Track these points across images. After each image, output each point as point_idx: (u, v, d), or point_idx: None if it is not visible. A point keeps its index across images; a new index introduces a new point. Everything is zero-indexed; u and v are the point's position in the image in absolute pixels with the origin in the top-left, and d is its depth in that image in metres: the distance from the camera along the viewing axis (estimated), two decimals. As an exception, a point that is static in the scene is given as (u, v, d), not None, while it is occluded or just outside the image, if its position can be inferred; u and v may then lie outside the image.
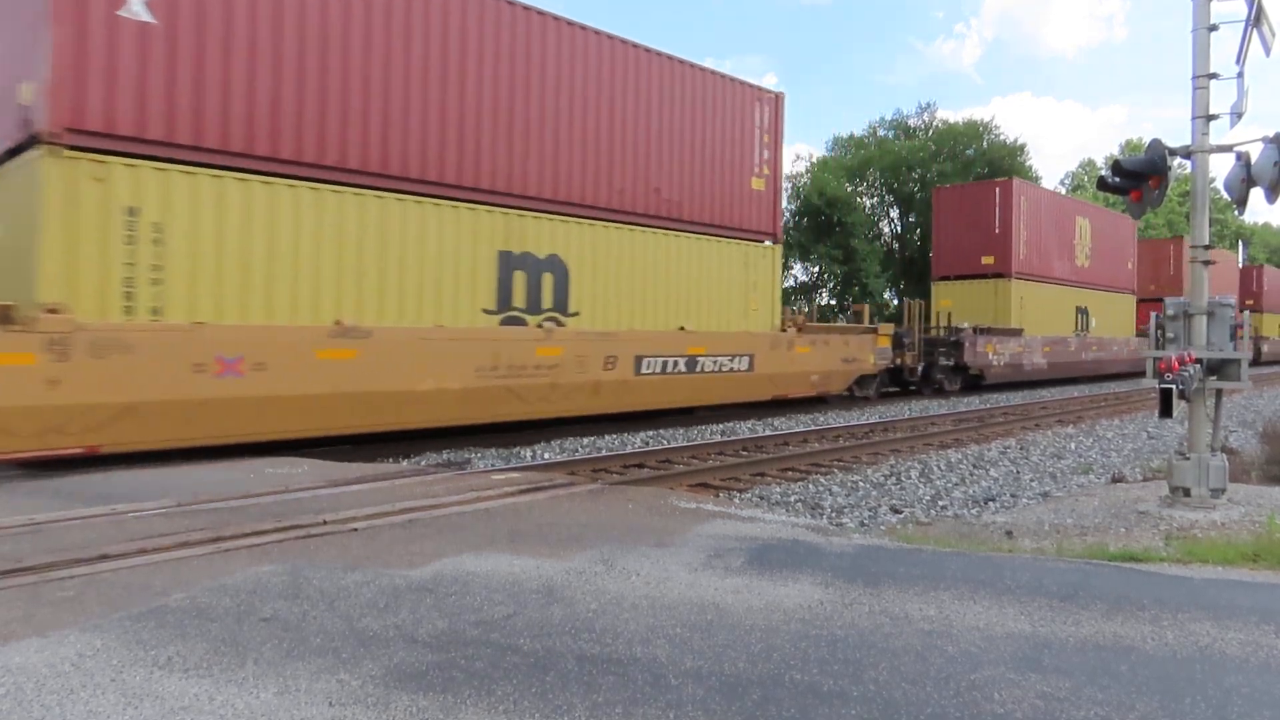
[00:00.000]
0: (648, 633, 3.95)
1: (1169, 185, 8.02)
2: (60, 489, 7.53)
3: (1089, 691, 3.36)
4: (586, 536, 5.83)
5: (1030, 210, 27.24)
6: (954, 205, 27.79)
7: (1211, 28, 7.51)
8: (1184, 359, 7.18)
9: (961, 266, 27.24)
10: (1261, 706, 3.25)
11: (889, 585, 4.76)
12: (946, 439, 14.24)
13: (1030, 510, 8.42)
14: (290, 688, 3.29)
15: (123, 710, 3.09)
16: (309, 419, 10.31)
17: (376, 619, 4.08)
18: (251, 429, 9.86)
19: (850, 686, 3.37)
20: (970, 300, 26.61)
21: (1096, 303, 31.06)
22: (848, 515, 8.48)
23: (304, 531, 5.81)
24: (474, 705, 3.17)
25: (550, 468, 10.10)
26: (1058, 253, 28.83)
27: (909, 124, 51.23)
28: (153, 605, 4.23)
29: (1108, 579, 5.02)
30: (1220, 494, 7.57)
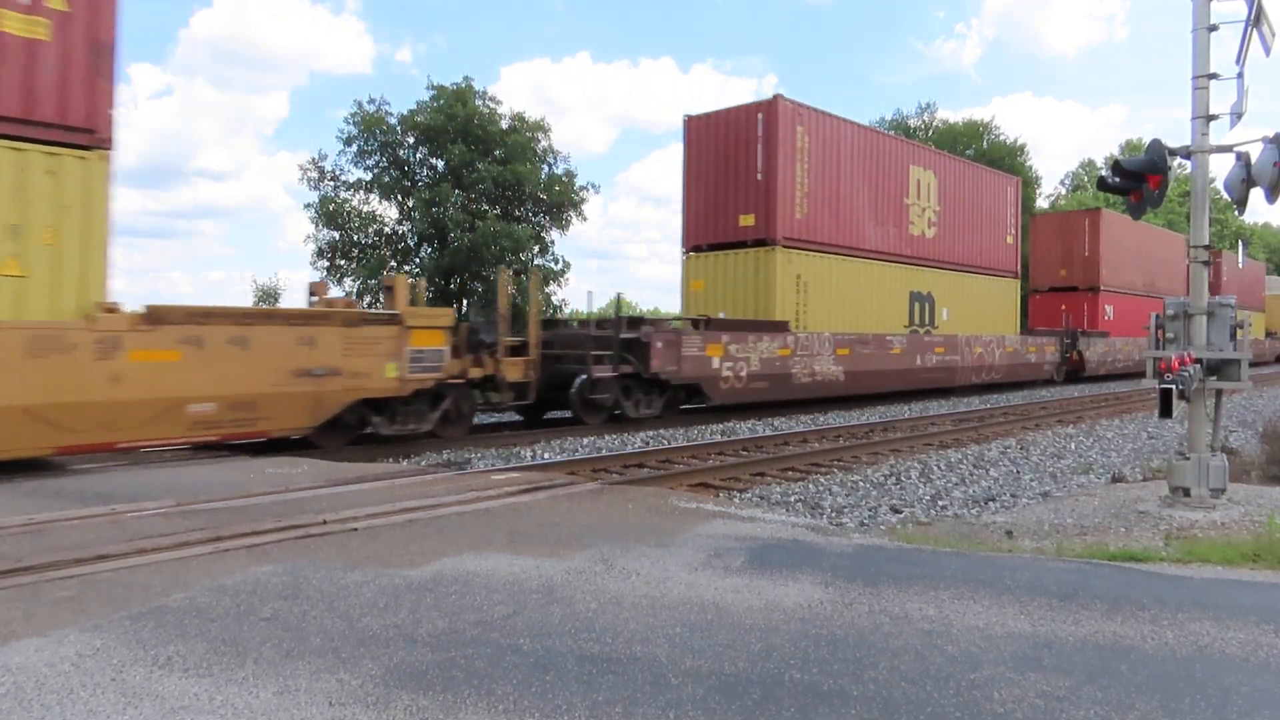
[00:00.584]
0: (647, 632, 3.95)
1: (1169, 185, 8.02)
2: (60, 489, 7.53)
3: (1089, 691, 3.36)
4: (586, 536, 5.82)
5: (819, 149, 18.95)
6: (708, 142, 19.07)
7: (1211, 28, 7.51)
8: (1184, 359, 7.18)
9: (714, 231, 19.00)
10: (1261, 706, 3.25)
11: (889, 585, 4.76)
12: (946, 439, 14.23)
13: (1030, 510, 8.42)
14: (290, 687, 3.29)
15: (123, 710, 3.09)
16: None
17: (376, 619, 4.08)
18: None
19: (850, 686, 3.37)
20: (729, 279, 18.78)
21: (949, 288, 23.64)
22: (848, 515, 8.48)
23: (304, 531, 5.82)
24: (474, 705, 3.17)
25: (550, 468, 10.10)
26: (873, 214, 20.79)
27: (909, 124, 51.21)
28: (152, 605, 4.23)
29: (1108, 579, 5.02)
30: (1220, 494, 7.57)
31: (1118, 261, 33.54)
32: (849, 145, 20.20)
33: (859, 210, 20.32)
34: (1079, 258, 32.78)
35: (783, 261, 18.14)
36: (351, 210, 33.57)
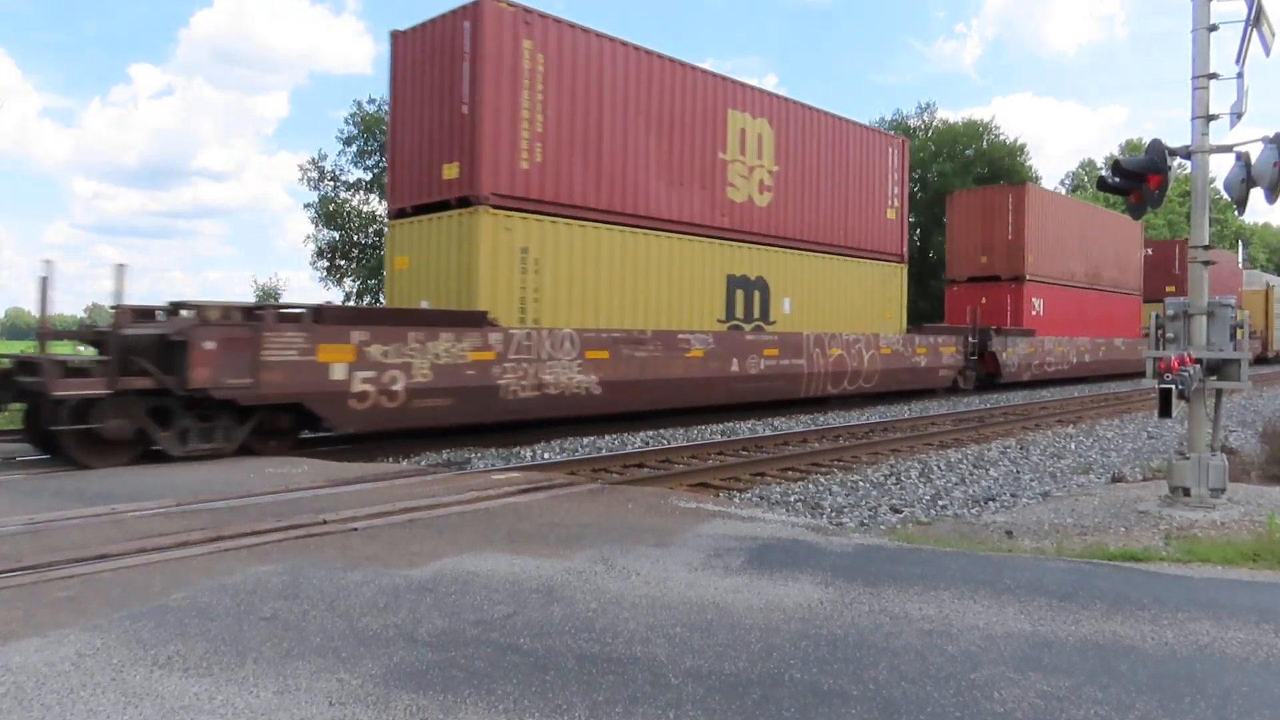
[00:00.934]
0: (647, 632, 3.95)
1: (1169, 185, 8.02)
2: (60, 489, 7.53)
3: (1089, 690, 3.36)
4: (586, 536, 5.83)
5: (565, 75, 13.79)
6: (418, 65, 14.04)
7: (1211, 28, 7.51)
8: (1184, 359, 7.18)
9: (422, 188, 13.91)
10: (1261, 706, 3.25)
11: (889, 585, 4.76)
12: (946, 439, 14.24)
13: (1030, 510, 8.42)
14: (290, 687, 3.29)
15: (123, 709, 3.09)
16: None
17: (376, 618, 4.08)
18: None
19: (850, 686, 3.37)
20: (434, 254, 13.63)
21: (795, 272, 18.18)
22: (848, 515, 8.48)
23: (304, 531, 5.82)
24: (474, 704, 3.17)
25: (550, 467, 10.10)
26: (666, 171, 15.32)
27: (909, 124, 51.21)
28: (153, 605, 4.23)
29: (1108, 578, 5.02)
30: (1220, 494, 7.57)
31: (1049, 247, 28.54)
32: (619, 73, 14.65)
33: (639, 164, 14.81)
34: (1001, 242, 27.74)
35: (491, 228, 12.75)
36: (351, 210, 33.53)
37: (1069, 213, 30.77)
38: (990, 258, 28.03)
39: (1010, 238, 27.69)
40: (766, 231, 17.67)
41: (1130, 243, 34.96)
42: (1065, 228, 29.64)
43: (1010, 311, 27.36)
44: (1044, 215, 28.47)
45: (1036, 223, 27.86)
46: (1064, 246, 29.47)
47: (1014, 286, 27.53)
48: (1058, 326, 28.67)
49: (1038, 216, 28.03)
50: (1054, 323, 28.55)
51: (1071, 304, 29.90)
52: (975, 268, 28.46)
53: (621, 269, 14.80)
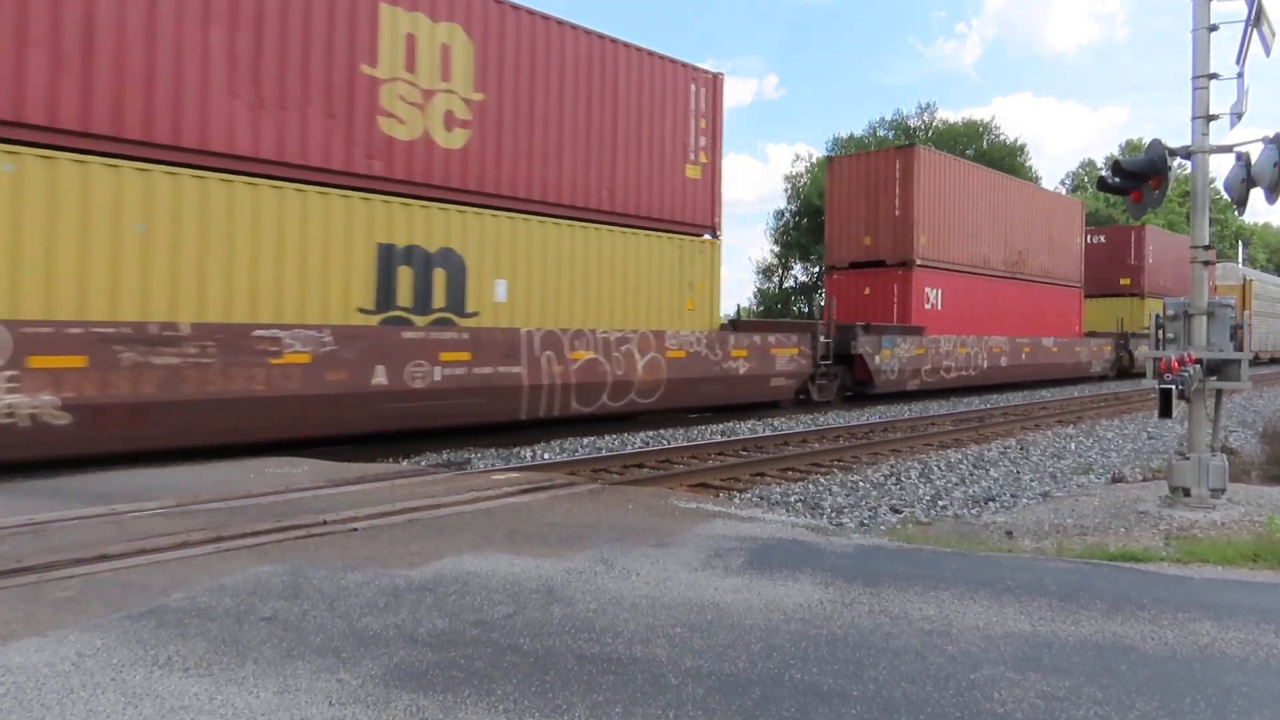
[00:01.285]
0: (647, 632, 3.95)
1: (1169, 186, 8.02)
2: (60, 489, 7.53)
3: (1089, 691, 3.36)
4: (586, 536, 5.83)
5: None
6: None
7: (1211, 28, 7.51)
8: (1184, 359, 7.18)
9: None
10: (1261, 706, 3.25)
11: (889, 585, 4.77)
12: (946, 439, 14.24)
13: (1030, 510, 8.42)
14: (290, 687, 3.29)
15: (123, 710, 3.09)
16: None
17: (376, 619, 4.08)
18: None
19: (850, 686, 3.38)
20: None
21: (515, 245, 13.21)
22: (848, 515, 8.48)
23: (304, 531, 5.82)
24: (474, 705, 3.17)
25: (550, 468, 10.10)
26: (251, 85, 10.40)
27: (909, 124, 51.29)
28: (153, 605, 4.23)
29: (1108, 579, 5.02)
30: (1220, 494, 7.57)
31: (950, 226, 23.47)
32: None
33: (186, 67, 9.82)
34: (886, 219, 22.40)
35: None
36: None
37: (979, 185, 25.00)
38: (875, 238, 22.74)
39: (897, 214, 22.15)
40: (461, 185, 12.38)
41: (1067, 225, 29.85)
42: (973, 203, 24.56)
43: (898, 304, 22.24)
44: (941, 186, 23.15)
45: (931, 195, 22.68)
46: (972, 226, 24.47)
47: (901, 274, 22.17)
48: (964, 323, 23.81)
49: (933, 187, 22.75)
50: (958, 318, 23.63)
51: (983, 296, 25.01)
52: (858, 251, 23.19)
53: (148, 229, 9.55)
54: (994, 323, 25.46)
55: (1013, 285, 26.71)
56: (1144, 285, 35.83)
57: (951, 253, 23.74)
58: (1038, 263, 28.08)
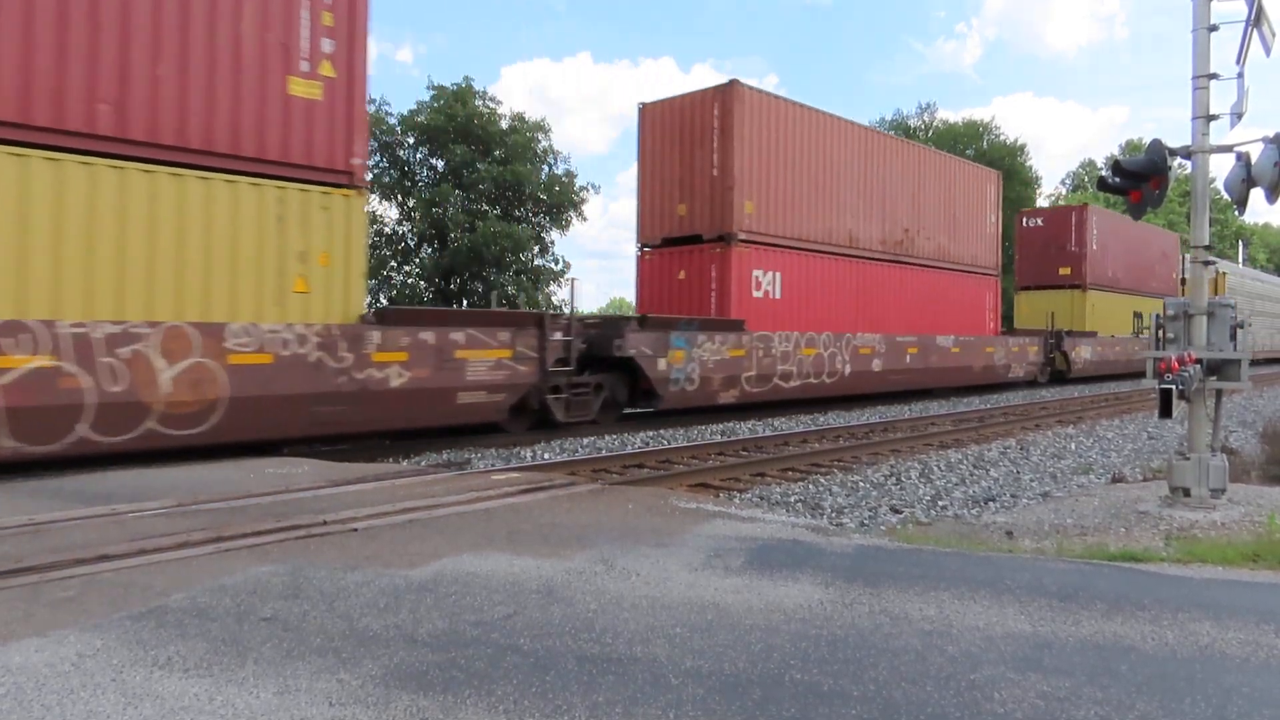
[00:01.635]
0: (647, 632, 3.95)
1: (1169, 185, 8.02)
2: (60, 489, 7.53)
3: (1089, 691, 3.36)
4: (586, 536, 5.83)
5: None
6: None
7: (1211, 28, 7.51)
8: (1184, 359, 7.18)
9: None
10: (1261, 706, 3.25)
11: (889, 585, 4.76)
12: (946, 439, 14.24)
13: (1030, 510, 8.42)
14: (290, 687, 3.29)
15: (123, 710, 3.09)
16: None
17: (377, 619, 4.09)
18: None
19: (850, 686, 3.37)
20: None
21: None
22: (848, 515, 8.48)
23: (304, 531, 5.82)
24: (474, 705, 3.17)
25: (550, 468, 10.10)
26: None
27: (909, 124, 51.28)
28: (153, 605, 4.23)
29: (1108, 579, 5.02)
30: (1220, 494, 7.57)
31: (790, 190, 18.04)
32: None
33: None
34: (704, 181, 17.15)
35: None
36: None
37: (841, 143, 19.49)
38: (691, 207, 17.41)
39: (715, 174, 16.95)
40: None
41: (977, 200, 24.60)
42: (831, 165, 19.27)
43: (716, 291, 17.05)
44: (778, 139, 17.83)
45: (762, 150, 17.35)
46: (830, 195, 19.23)
47: (719, 252, 16.94)
48: (817, 317, 18.73)
49: (764, 140, 17.41)
50: (808, 311, 18.54)
51: (849, 284, 19.76)
52: (671, 224, 17.81)
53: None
54: (866, 317, 20.19)
55: (896, 271, 21.29)
56: (1086, 276, 31.32)
57: (796, 227, 18.22)
58: (934, 244, 22.62)
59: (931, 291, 22.69)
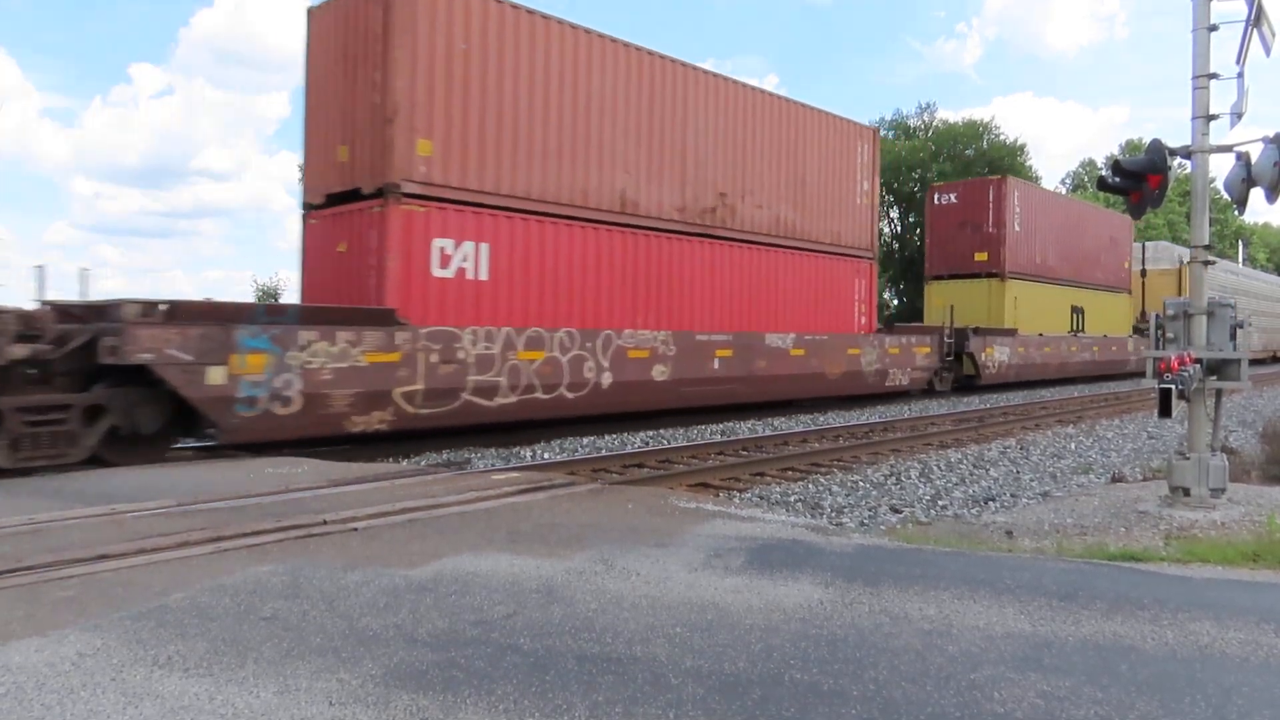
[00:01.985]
0: (647, 632, 3.95)
1: (1169, 185, 8.02)
2: (60, 489, 7.53)
3: (1089, 691, 3.36)
4: (586, 536, 5.83)
5: None
6: None
7: (1211, 28, 7.51)
8: (1184, 359, 7.18)
9: None
10: (1261, 706, 3.25)
11: (889, 585, 4.76)
12: (946, 439, 14.24)
13: (1030, 510, 8.42)
14: (290, 687, 3.29)
15: (123, 709, 3.09)
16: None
17: (376, 618, 4.08)
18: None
19: (850, 686, 3.37)
20: None
21: None
22: (848, 515, 8.48)
23: (304, 531, 5.81)
24: (474, 705, 3.17)
25: (550, 468, 10.10)
26: None
27: (909, 124, 51.25)
28: (153, 605, 4.23)
29: (1108, 579, 5.02)
30: (1220, 494, 7.57)
31: (495, 128, 13.06)
32: None
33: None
34: (366, 110, 12.36)
35: None
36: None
37: (602, 69, 14.55)
38: (353, 150, 12.54)
39: (376, 100, 12.11)
40: None
41: (840, 162, 19.39)
42: (584, 98, 14.22)
43: (376, 269, 11.99)
44: (481, 56, 12.84)
45: (451, 70, 12.46)
46: (582, 138, 14.23)
47: (378, 212, 12.01)
48: (556, 307, 13.78)
49: (454, 54, 12.50)
50: (539, 299, 13.56)
51: (621, 263, 14.80)
52: (332, 174, 12.91)
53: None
54: (650, 309, 15.16)
55: (704, 248, 16.14)
56: (1005, 262, 25.84)
57: (520, 181, 13.26)
58: (769, 215, 17.54)
59: (766, 277, 17.53)
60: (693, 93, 16.35)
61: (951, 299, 25.23)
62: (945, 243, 27.13)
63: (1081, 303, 30.20)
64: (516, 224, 13.41)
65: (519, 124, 13.48)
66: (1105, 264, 31.97)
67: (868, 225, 20.63)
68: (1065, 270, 29.35)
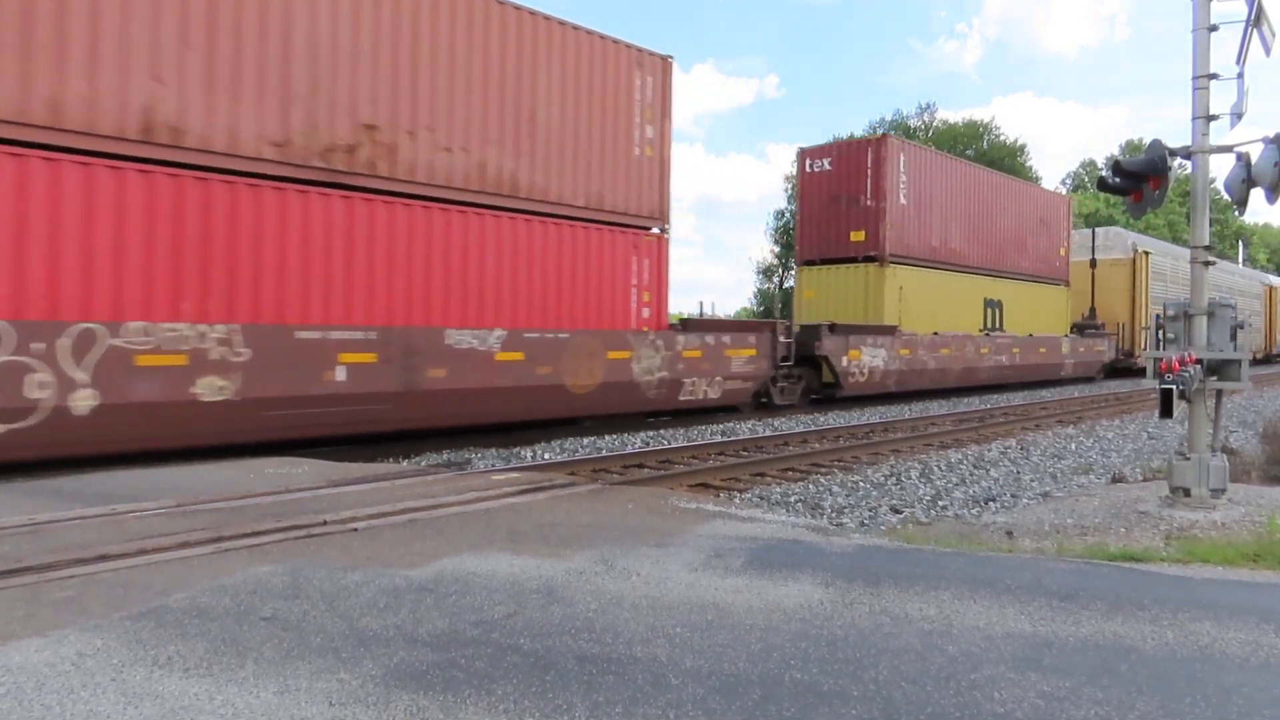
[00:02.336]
0: (648, 632, 3.95)
1: (1169, 186, 8.02)
2: (60, 489, 7.53)
3: (1089, 691, 3.36)
4: (586, 536, 5.83)
5: None
6: None
7: (1211, 28, 7.51)
8: (1184, 359, 7.18)
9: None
10: (1261, 706, 3.25)
11: (889, 585, 4.76)
12: (946, 439, 14.23)
13: (1030, 510, 8.42)
14: (290, 687, 3.29)
15: (123, 710, 3.09)
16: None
17: (377, 619, 4.08)
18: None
19: (850, 686, 3.37)
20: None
21: None
22: (848, 515, 8.48)
23: (304, 531, 5.82)
24: (474, 705, 3.17)
25: (550, 468, 10.10)
26: None
27: (909, 124, 51.28)
28: (153, 605, 4.23)
29: (1108, 579, 5.02)
30: (1220, 494, 7.57)
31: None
32: None
33: None
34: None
35: None
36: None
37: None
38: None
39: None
40: None
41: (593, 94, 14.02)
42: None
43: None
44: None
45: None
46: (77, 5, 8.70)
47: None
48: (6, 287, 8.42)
49: None
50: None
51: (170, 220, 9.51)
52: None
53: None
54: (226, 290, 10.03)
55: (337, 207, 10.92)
56: (885, 243, 20.49)
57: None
58: (468, 164, 12.30)
59: (458, 249, 12.20)
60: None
61: (824, 289, 21.40)
62: (818, 221, 21.67)
63: (999, 295, 25.14)
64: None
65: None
66: (1033, 250, 26.73)
67: (654, 186, 15.20)
68: (975, 256, 23.93)
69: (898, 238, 21.07)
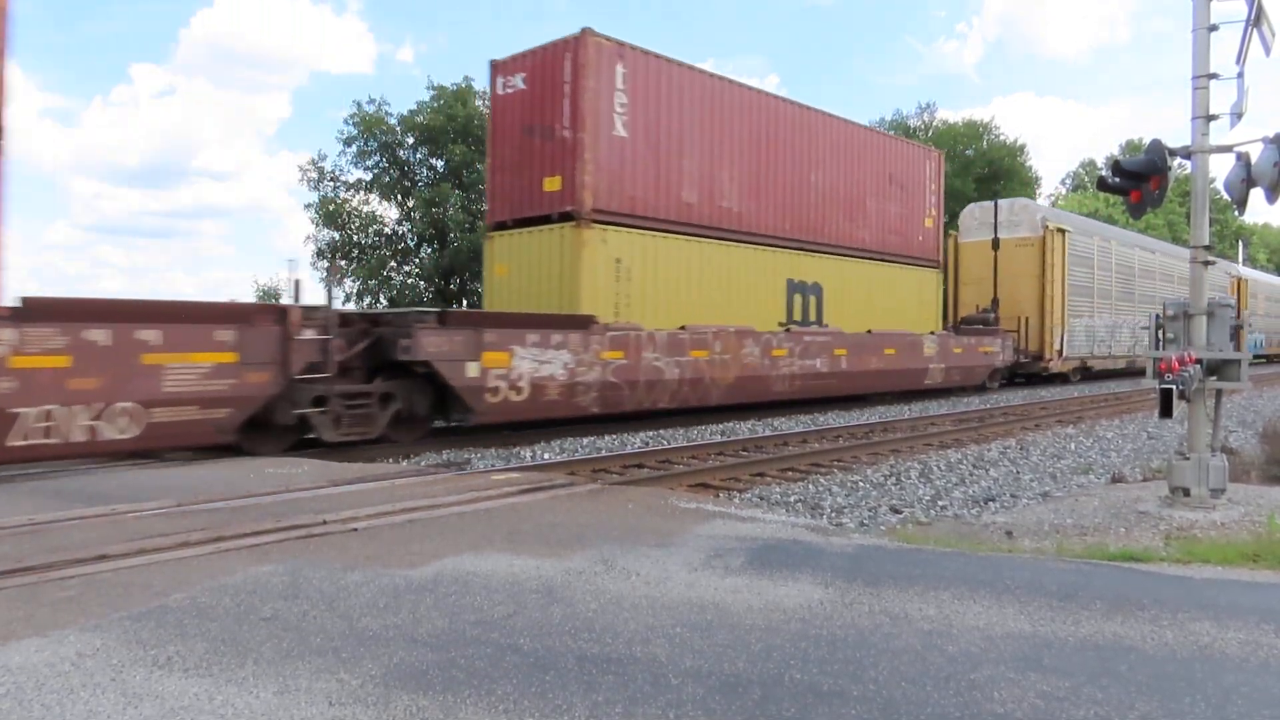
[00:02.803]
0: (647, 632, 3.95)
1: (1169, 186, 8.02)
2: (60, 489, 7.53)
3: (1089, 691, 3.36)
4: (586, 536, 5.83)
5: None
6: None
7: (1211, 28, 7.51)
8: (1184, 359, 7.18)
9: None
10: (1261, 706, 3.25)
11: (889, 585, 4.76)
12: (946, 439, 14.23)
13: (1030, 510, 8.42)
14: (290, 687, 3.29)
15: (123, 710, 3.09)
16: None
17: (376, 619, 4.08)
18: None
19: (850, 686, 3.37)
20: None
21: None
22: (848, 515, 8.47)
23: (304, 531, 5.82)
24: (474, 705, 3.17)
25: (550, 468, 10.10)
26: None
27: (909, 124, 51.23)
28: (152, 605, 4.23)
29: (1108, 579, 5.02)
30: (1220, 494, 7.57)
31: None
32: None
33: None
34: None
35: None
36: (352, 211, 33.55)
37: None
38: None
39: None
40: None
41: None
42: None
43: None
44: None
45: None
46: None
47: None
48: None
49: None
50: None
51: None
52: None
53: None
54: None
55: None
56: (585, 195, 13.94)
57: None
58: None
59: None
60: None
61: (519, 263, 15.27)
62: (511, 166, 15.30)
63: (816, 277, 18.77)
64: None
65: None
66: (878, 218, 20.33)
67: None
68: (768, 221, 17.44)
69: (612, 187, 14.42)
